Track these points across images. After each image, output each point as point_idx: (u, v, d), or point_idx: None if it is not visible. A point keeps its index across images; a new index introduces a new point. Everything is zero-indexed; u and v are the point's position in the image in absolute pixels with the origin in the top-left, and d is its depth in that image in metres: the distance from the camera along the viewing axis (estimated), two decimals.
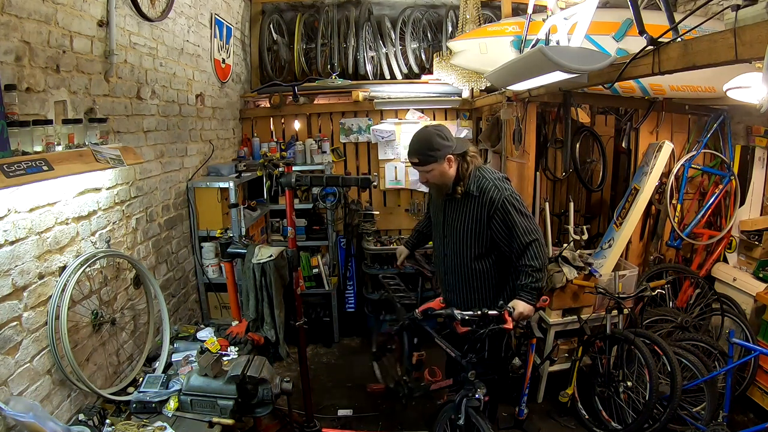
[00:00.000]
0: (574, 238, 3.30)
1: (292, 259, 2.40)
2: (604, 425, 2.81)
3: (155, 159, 2.60)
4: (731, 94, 2.20)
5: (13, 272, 1.55)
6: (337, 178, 2.69)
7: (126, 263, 2.21)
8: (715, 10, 1.97)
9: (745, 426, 2.70)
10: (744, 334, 2.92)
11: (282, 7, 4.46)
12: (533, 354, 2.95)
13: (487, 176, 2.17)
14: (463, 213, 2.19)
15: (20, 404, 1.46)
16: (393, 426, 2.95)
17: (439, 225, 2.33)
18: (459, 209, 2.21)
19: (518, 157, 3.16)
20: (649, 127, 3.61)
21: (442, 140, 2.12)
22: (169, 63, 2.74)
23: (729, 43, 1.34)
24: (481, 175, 2.18)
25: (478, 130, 4.19)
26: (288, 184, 2.31)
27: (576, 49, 2.12)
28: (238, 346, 2.34)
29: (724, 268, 3.39)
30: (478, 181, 2.16)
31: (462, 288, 2.30)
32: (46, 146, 1.60)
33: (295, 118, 4.27)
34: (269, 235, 4.15)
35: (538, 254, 2.07)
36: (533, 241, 2.07)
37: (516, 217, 2.08)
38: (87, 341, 1.92)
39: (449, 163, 2.14)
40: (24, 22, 1.60)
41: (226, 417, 1.86)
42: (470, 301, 2.28)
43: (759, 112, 1.32)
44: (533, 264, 2.07)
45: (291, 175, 2.32)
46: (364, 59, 4.30)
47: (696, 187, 3.65)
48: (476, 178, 2.16)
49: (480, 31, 3.17)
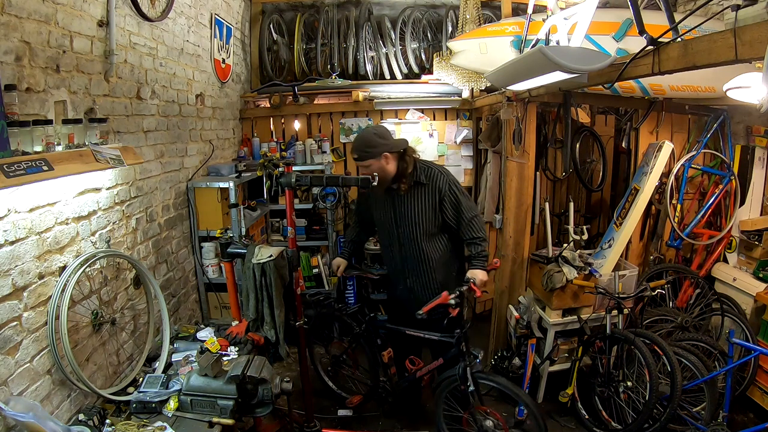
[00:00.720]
0: (574, 238, 3.30)
1: (292, 259, 2.39)
2: (604, 425, 2.81)
3: (155, 159, 2.60)
4: (731, 94, 2.20)
5: (13, 272, 1.55)
6: (337, 178, 2.69)
7: (126, 263, 2.21)
8: (715, 10, 1.97)
9: (745, 426, 2.70)
10: (744, 334, 2.92)
11: (282, 7, 4.46)
12: (533, 354, 2.96)
13: (432, 166, 2.53)
14: (416, 200, 2.50)
15: (20, 404, 1.46)
16: (393, 426, 2.95)
17: (389, 219, 2.58)
18: (411, 199, 2.51)
19: (518, 157, 3.16)
20: (649, 127, 3.61)
21: (379, 139, 2.43)
22: (169, 63, 2.74)
23: (729, 43, 1.34)
24: (426, 166, 2.53)
25: (478, 130, 4.19)
26: (288, 184, 2.31)
27: (576, 49, 2.12)
28: (238, 346, 2.34)
29: (724, 268, 3.39)
30: (425, 171, 2.49)
31: (421, 269, 2.58)
32: (46, 146, 1.60)
33: (295, 118, 4.27)
34: (269, 235, 4.15)
35: (481, 227, 2.50)
36: (475, 216, 2.49)
37: (461, 197, 2.48)
38: (87, 341, 1.92)
39: (386, 160, 2.42)
40: (24, 22, 1.60)
41: (226, 417, 1.86)
42: (431, 280, 2.58)
43: (759, 112, 1.33)
44: (480, 235, 2.48)
45: (291, 175, 2.32)
46: (364, 59, 4.30)
47: (696, 187, 3.65)
48: (422, 169, 2.50)
49: (480, 31, 3.16)
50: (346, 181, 2.48)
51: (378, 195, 2.60)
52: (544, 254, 3.26)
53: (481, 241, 2.48)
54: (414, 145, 4.19)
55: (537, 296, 3.24)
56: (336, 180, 2.57)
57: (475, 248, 2.48)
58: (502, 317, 3.37)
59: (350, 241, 2.94)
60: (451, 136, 4.28)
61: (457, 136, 4.25)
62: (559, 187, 4.01)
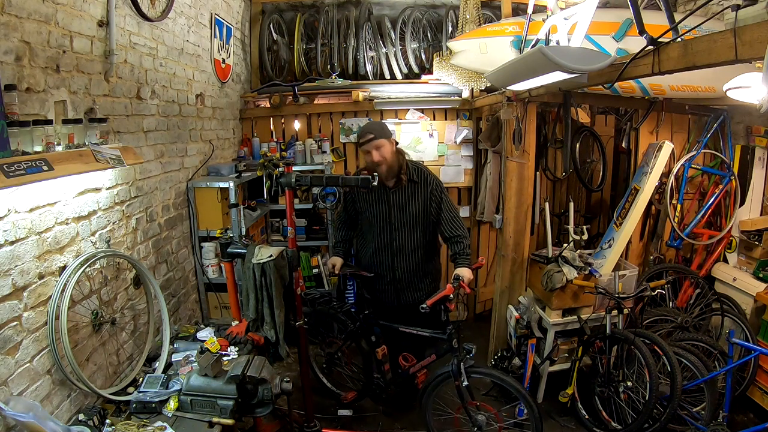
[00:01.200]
0: (574, 238, 3.30)
1: (292, 259, 2.39)
2: (604, 425, 2.81)
3: (155, 159, 2.60)
4: (731, 94, 2.20)
5: (13, 272, 1.55)
6: (337, 178, 2.68)
7: (126, 263, 2.21)
8: (715, 10, 1.97)
9: (745, 426, 2.70)
10: (744, 334, 2.92)
11: (282, 7, 4.45)
12: (533, 354, 2.96)
13: (420, 167, 2.70)
14: (411, 197, 2.65)
15: (20, 404, 1.46)
16: (393, 426, 2.95)
17: (383, 215, 2.70)
18: (406, 195, 2.65)
19: (518, 157, 3.16)
20: (649, 127, 3.61)
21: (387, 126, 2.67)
22: (169, 63, 2.74)
23: (729, 43, 1.34)
24: (416, 166, 2.70)
25: (478, 130, 4.18)
26: (288, 184, 2.31)
27: (576, 49, 2.11)
28: (238, 346, 2.34)
29: (724, 268, 3.39)
30: (416, 171, 2.66)
31: (413, 263, 2.73)
32: (46, 146, 1.60)
33: (295, 118, 4.27)
34: (269, 235, 4.15)
35: (462, 225, 2.64)
36: (457, 216, 2.66)
37: (444, 197, 2.65)
38: (87, 341, 1.92)
39: (392, 145, 2.59)
40: (24, 22, 1.60)
41: (226, 417, 1.86)
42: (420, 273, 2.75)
43: (759, 112, 1.33)
44: (462, 233, 2.61)
45: (291, 175, 2.32)
46: (364, 59, 4.30)
47: (696, 187, 3.65)
48: (414, 169, 2.66)
49: (480, 31, 3.16)
50: (346, 181, 2.47)
51: (371, 193, 2.70)
52: (544, 254, 3.26)
53: (463, 239, 2.59)
54: (414, 145, 4.24)
55: (537, 296, 3.24)
56: (336, 180, 2.57)
57: (457, 246, 2.58)
58: (502, 317, 3.37)
59: (341, 240, 2.98)
60: (451, 136, 4.28)
61: (457, 136, 4.25)
62: (559, 187, 4.01)
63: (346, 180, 2.47)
